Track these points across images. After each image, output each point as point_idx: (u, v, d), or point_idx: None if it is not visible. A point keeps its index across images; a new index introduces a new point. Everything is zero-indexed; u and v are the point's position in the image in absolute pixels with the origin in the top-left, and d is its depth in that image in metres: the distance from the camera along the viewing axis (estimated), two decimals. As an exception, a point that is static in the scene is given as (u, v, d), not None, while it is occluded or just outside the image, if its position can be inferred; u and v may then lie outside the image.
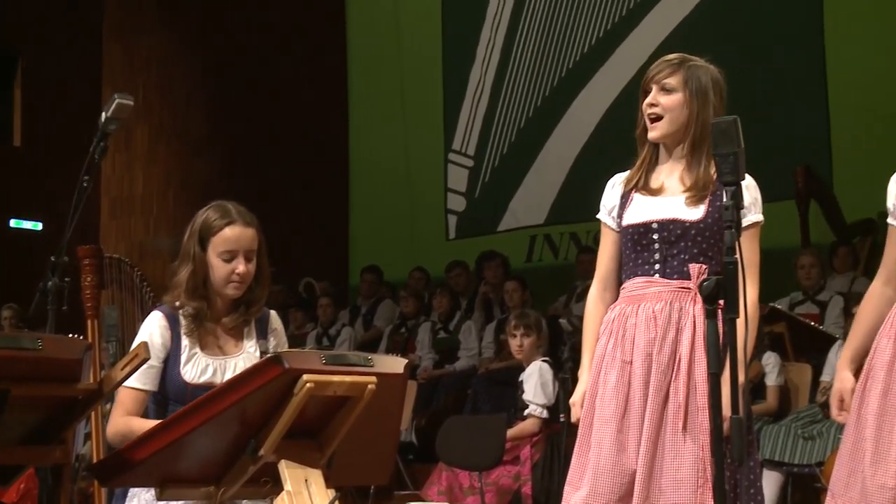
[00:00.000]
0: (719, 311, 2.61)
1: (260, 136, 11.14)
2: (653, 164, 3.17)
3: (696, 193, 3.06)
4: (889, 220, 2.98)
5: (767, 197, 3.14)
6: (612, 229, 3.20)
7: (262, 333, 3.15)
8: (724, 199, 2.51)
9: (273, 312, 3.23)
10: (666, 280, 3.06)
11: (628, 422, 3.01)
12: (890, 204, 2.96)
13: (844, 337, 6.36)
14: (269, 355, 2.43)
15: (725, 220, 2.49)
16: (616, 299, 3.17)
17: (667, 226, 3.07)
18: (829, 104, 8.78)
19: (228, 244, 3.01)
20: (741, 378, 2.57)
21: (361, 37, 11.37)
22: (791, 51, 8.91)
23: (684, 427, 2.94)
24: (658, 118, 3.11)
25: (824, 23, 8.81)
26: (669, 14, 9.54)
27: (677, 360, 3.00)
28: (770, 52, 8.93)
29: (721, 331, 2.60)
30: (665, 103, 3.09)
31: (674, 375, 3.00)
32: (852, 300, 6.39)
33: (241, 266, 3.02)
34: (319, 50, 11.27)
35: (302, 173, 11.13)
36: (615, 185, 3.22)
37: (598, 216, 3.25)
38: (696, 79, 3.10)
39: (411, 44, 10.98)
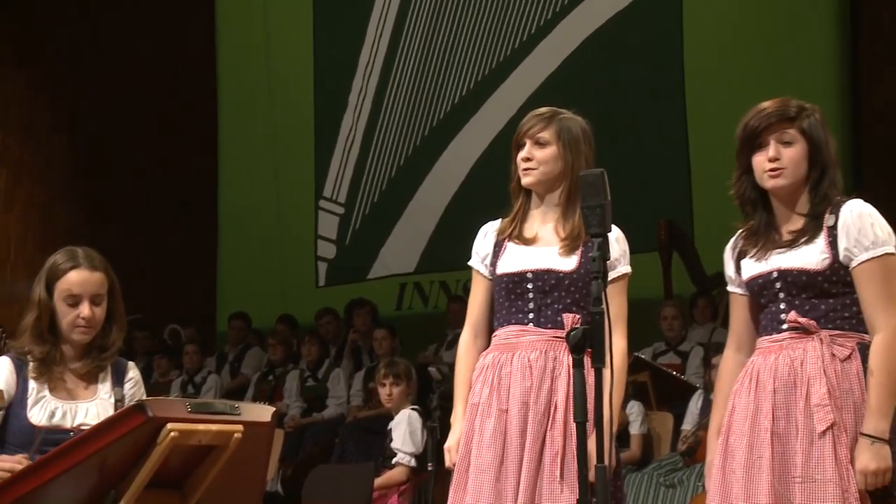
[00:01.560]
0: (587, 360, 2.66)
1: (126, 180, 10.93)
2: (526, 214, 3.23)
3: (571, 243, 3.13)
4: (729, 287, 3.07)
5: (631, 249, 3.23)
6: (485, 277, 3.24)
7: (119, 381, 3.12)
8: (593, 251, 2.57)
9: (132, 363, 3.22)
10: (540, 329, 3.12)
11: (505, 470, 3.04)
12: (728, 272, 3.05)
13: (704, 387, 6.53)
14: (132, 403, 2.38)
15: (592, 270, 2.55)
16: (487, 346, 3.21)
17: (541, 276, 3.13)
18: (691, 160, 9.06)
19: (73, 288, 3.02)
20: (606, 427, 2.61)
21: (232, 81, 11.28)
22: (654, 107, 9.18)
23: (561, 475, 2.99)
24: (533, 171, 3.18)
25: (685, 79, 9.12)
26: (538, 68, 9.74)
27: (553, 408, 3.05)
28: (634, 107, 9.18)
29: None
30: (540, 156, 3.17)
31: (550, 424, 3.05)
32: (711, 350, 6.56)
33: (85, 310, 3.02)
34: (189, 93, 11.14)
35: (169, 218, 10.94)
36: (488, 234, 3.26)
37: (469, 263, 3.29)
38: (568, 130, 3.19)
39: (282, 90, 10.95)
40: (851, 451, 2.75)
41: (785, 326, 2.86)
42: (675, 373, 7.15)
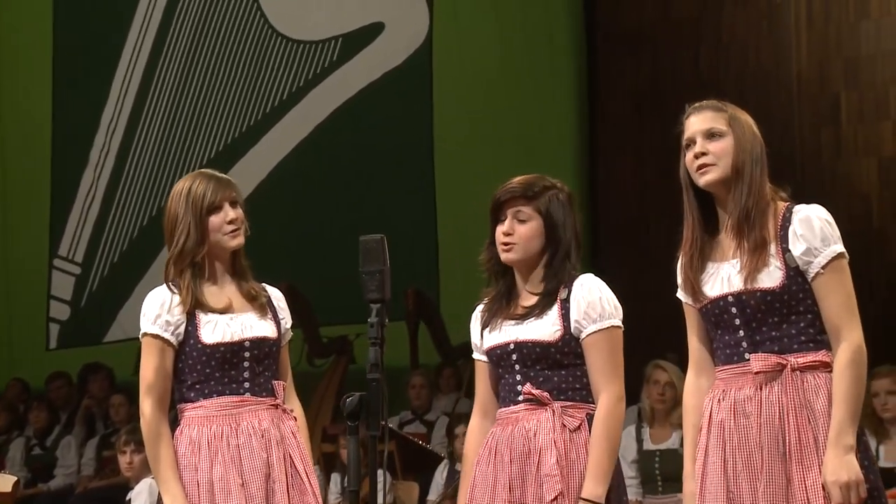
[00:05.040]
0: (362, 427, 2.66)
1: None
2: (198, 283, 3.17)
3: (260, 307, 3.17)
4: (475, 355, 3.17)
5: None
6: (172, 345, 3.12)
7: None
8: (371, 317, 2.57)
9: None
10: (258, 398, 3.12)
11: None
12: (475, 339, 3.15)
13: (449, 456, 6.60)
14: None
15: (370, 336, 2.56)
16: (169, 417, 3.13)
17: (258, 344, 3.14)
18: (438, 231, 9.25)
19: None
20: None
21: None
22: (403, 176, 9.35)
23: None
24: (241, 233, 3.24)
25: (434, 152, 9.34)
26: (288, 134, 9.74)
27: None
28: (383, 176, 9.32)
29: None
30: (242, 219, 3.24)
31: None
32: (454, 421, 6.66)
33: None
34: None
35: None
36: (172, 301, 3.14)
37: (152, 330, 3.12)
38: None
39: (16, 143, 10.42)
40: None
41: (521, 398, 2.97)
42: (420, 442, 7.20)
